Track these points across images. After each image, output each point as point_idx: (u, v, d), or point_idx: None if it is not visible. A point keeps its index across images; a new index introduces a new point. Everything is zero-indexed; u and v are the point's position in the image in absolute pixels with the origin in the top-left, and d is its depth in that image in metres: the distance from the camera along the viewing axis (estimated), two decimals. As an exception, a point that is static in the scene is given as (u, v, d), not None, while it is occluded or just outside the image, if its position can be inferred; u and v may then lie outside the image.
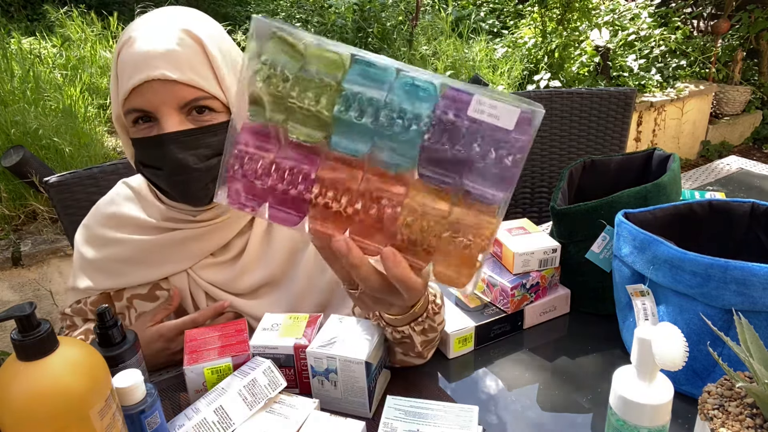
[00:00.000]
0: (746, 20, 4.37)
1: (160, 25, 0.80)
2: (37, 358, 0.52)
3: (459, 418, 0.71)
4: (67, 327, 1.02)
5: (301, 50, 0.51)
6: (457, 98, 0.49)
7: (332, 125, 0.52)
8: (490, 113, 0.48)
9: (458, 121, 0.49)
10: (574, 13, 3.87)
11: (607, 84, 3.85)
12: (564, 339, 0.96)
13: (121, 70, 0.80)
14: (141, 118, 0.81)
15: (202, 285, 0.94)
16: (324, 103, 0.51)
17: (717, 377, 0.75)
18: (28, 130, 2.57)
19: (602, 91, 1.70)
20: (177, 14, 0.83)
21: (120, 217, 0.95)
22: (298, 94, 0.51)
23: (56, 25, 3.88)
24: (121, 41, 0.81)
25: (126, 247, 0.93)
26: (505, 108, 0.48)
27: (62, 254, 2.24)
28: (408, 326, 0.76)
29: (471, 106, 0.49)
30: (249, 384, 0.71)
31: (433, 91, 0.49)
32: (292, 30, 0.51)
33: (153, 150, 0.81)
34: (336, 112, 0.51)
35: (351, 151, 0.52)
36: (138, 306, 0.95)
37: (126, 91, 0.79)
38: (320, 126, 0.52)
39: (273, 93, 0.52)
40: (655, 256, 0.79)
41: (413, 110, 0.50)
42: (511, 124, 0.48)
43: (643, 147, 3.94)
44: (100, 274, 0.95)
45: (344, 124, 0.51)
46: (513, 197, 1.76)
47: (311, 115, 0.52)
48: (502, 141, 0.49)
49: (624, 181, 1.11)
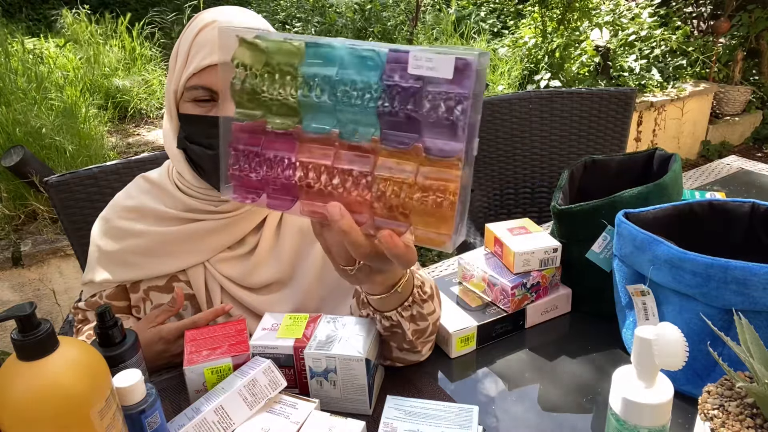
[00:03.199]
0: (746, 20, 4.37)
1: (244, 19, 0.87)
2: (37, 358, 0.52)
3: (459, 418, 0.71)
4: (79, 321, 1.02)
5: (263, 48, 0.55)
6: (399, 59, 0.51)
7: (300, 110, 0.56)
8: (428, 66, 0.50)
9: (404, 82, 0.51)
10: (575, 12, 3.87)
11: (608, 84, 3.85)
12: (564, 339, 0.96)
13: (198, 47, 0.84)
14: (203, 98, 0.85)
15: (218, 278, 0.94)
16: (289, 90, 0.55)
17: (717, 377, 0.75)
18: (30, 129, 2.57)
19: (602, 91, 1.70)
20: (254, 14, 0.89)
21: (140, 209, 0.96)
22: (267, 88, 0.56)
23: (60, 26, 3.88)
24: (199, 23, 0.86)
25: (146, 239, 0.94)
26: (441, 58, 0.49)
27: (62, 254, 2.24)
28: (395, 311, 0.76)
29: (410, 64, 0.50)
30: (249, 384, 0.71)
31: (379, 59, 0.51)
32: (258, 32, 0.56)
33: (210, 129, 0.85)
34: (300, 97, 0.55)
35: (320, 130, 0.56)
36: (154, 298, 0.96)
37: (199, 67, 0.83)
38: (291, 113, 0.56)
39: (249, 91, 0.57)
40: (655, 256, 0.79)
41: (363, 80, 0.52)
42: (450, 73, 0.49)
43: (644, 147, 3.94)
44: (118, 267, 0.95)
45: (309, 106, 0.55)
46: (514, 197, 1.76)
47: (281, 104, 0.56)
48: (448, 92, 0.50)
49: (625, 181, 1.11)
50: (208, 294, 0.95)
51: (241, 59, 0.56)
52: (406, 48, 0.51)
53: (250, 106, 0.57)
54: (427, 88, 0.50)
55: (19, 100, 2.75)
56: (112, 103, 3.42)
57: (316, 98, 0.54)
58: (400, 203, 0.54)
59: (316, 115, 0.55)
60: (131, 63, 3.76)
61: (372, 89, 0.52)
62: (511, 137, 1.71)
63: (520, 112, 1.70)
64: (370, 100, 0.52)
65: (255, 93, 0.57)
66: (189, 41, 0.86)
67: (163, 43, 4.08)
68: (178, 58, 0.87)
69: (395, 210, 0.55)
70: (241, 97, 0.57)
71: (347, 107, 0.54)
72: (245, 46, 0.56)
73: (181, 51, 0.86)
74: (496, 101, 1.68)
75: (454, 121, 0.50)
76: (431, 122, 0.51)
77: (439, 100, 0.50)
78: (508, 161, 1.73)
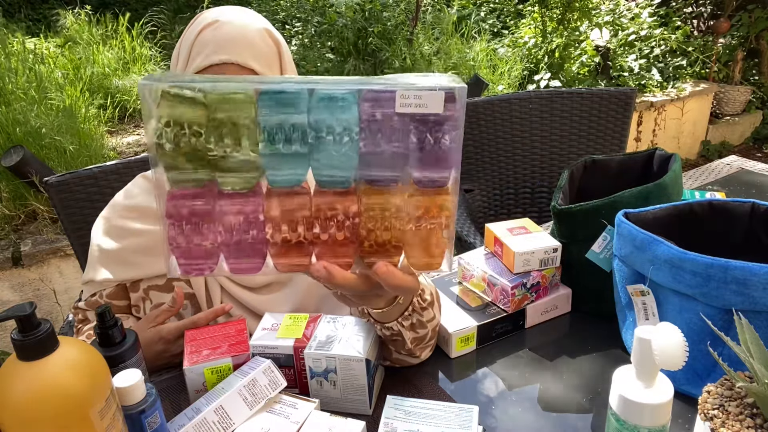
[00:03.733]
0: (746, 20, 4.36)
1: (247, 19, 0.86)
2: (37, 358, 0.52)
3: (459, 417, 0.71)
4: (79, 321, 1.02)
5: (201, 100, 0.48)
6: (379, 98, 0.49)
7: (263, 162, 0.50)
8: (417, 104, 0.48)
9: (386, 120, 0.49)
10: (575, 12, 3.87)
11: (608, 84, 3.85)
12: (564, 338, 0.96)
13: (200, 47, 0.84)
14: None
15: (217, 278, 0.94)
16: (247, 143, 0.49)
17: (717, 377, 0.75)
18: (29, 129, 2.57)
19: (602, 91, 1.70)
20: (256, 14, 0.90)
21: (140, 208, 0.96)
22: (215, 144, 0.49)
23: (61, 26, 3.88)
24: (202, 22, 0.86)
25: (146, 238, 0.94)
26: (430, 95, 0.48)
27: (62, 254, 2.24)
28: (395, 322, 0.76)
29: (397, 103, 0.48)
30: (249, 384, 0.71)
31: (352, 99, 0.49)
32: (180, 80, 0.49)
33: None
34: (262, 149, 0.49)
35: (290, 182, 0.51)
36: (154, 297, 0.96)
37: (201, 66, 0.83)
38: (251, 168, 0.50)
39: (187, 152, 0.49)
40: (655, 256, 0.79)
41: (339, 122, 0.49)
42: (440, 107, 0.48)
43: (644, 147, 3.94)
44: (118, 265, 0.95)
45: (275, 158, 0.50)
46: (514, 197, 1.76)
47: (238, 161, 0.50)
48: (434, 123, 0.49)
49: (625, 181, 1.10)
50: (208, 293, 0.95)
51: (172, 115, 0.48)
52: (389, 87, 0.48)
53: (190, 168, 0.50)
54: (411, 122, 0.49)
55: (19, 99, 2.75)
56: (112, 103, 3.42)
57: (284, 149, 0.49)
58: (391, 238, 0.52)
59: (283, 165, 0.50)
60: (131, 63, 3.76)
61: (352, 130, 0.49)
62: (511, 137, 1.71)
63: (520, 112, 1.70)
64: (350, 142, 0.49)
65: (197, 152, 0.49)
66: (190, 41, 0.86)
67: (164, 43, 4.08)
68: (179, 58, 0.87)
69: (386, 245, 0.53)
70: (175, 160, 0.49)
71: (323, 153, 0.50)
72: (176, 101, 0.48)
73: (183, 51, 0.87)
74: (496, 101, 1.67)
75: (446, 152, 0.50)
76: (419, 155, 0.50)
77: (426, 133, 0.49)
78: (508, 161, 1.73)
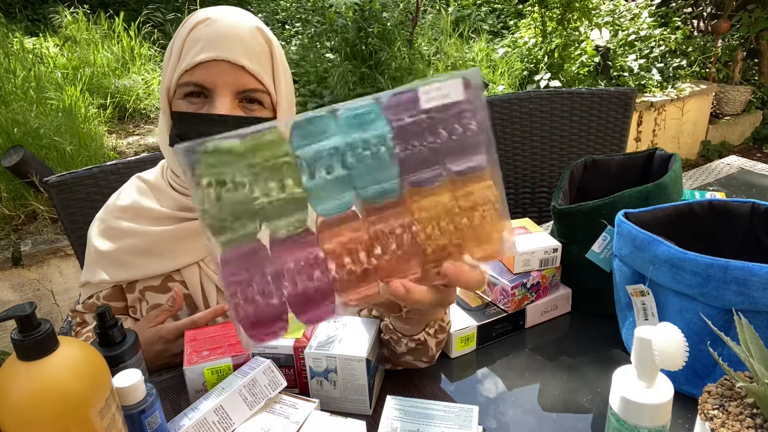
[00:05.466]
0: (746, 20, 4.37)
1: (238, 18, 0.87)
2: (37, 358, 0.52)
3: (459, 418, 0.71)
4: (77, 324, 1.02)
5: (238, 149, 0.47)
6: (402, 101, 0.49)
7: (309, 197, 0.49)
8: (440, 95, 0.49)
9: (415, 120, 0.50)
10: (574, 13, 3.87)
11: (607, 84, 3.85)
12: (564, 339, 0.96)
13: (191, 44, 0.85)
14: (195, 94, 0.86)
15: (213, 278, 0.94)
16: (291, 183, 0.48)
17: (717, 377, 0.75)
18: (29, 129, 2.57)
19: (602, 91, 1.70)
20: (248, 13, 0.90)
21: (135, 208, 0.96)
22: (261, 191, 0.48)
23: (59, 25, 3.88)
24: (193, 20, 0.86)
25: (141, 238, 0.94)
26: (449, 84, 0.49)
27: (62, 254, 2.24)
28: (423, 332, 0.77)
29: (421, 99, 0.49)
30: (249, 384, 0.71)
31: (377, 108, 0.49)
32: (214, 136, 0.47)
33: (201, 126, 0.85)
34: (306, 183, 0.48)
35: (340, 208, 0.50)
36: (150, 298, 0.95)
37: (192, 63, 0.83)
38: (300, 206, 0.49)
39: (233, 206, 0.47)
40: (655, 256, 0.79)
41: (371, 135, 0.49)
42: (461, 93, 0.50)
43: (644, 147, 3.94)
44: (114, 267, 0.95)
45: (320, 189, 0.49)
46: (514, 197, 1.76)
47: (286, 202, 0.49)
48: (459, 112, 0.50)
49: (625, 181, 1.11)
50: (204, 294, 0.95)
51: (214, 174, 0.46)
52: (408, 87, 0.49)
53: (239, 224, 0.48)
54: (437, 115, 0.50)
55: (18, 99, 2.75)
56: (112, 103, 3.42)
57: (328, 176, 0.49)
58: (450, 238, 0.52)
59: (330, 194, 0.49)
60: (130, 62, 3.76)
61: (385, 139, 0.49)
62: (511, 137, 1.71)
63: (520, 112, 1.70)
64: (387, 151, 0.49)
65: (244, 204, 0.48)
66: (182, 38, 0.86)
67: (163, 43, 4.08)
68: (171, 56, 0.88)
69: (448, 246, 0.52)
70: (222, 222, 0.47)
71: (364, 170, 0.49)
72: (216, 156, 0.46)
73: (175, 48, 0.87)
74: (496, 101, 1.68)
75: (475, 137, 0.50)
76: (453, 146, 0.50)
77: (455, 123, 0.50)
78: (508, 161, 1.73)
